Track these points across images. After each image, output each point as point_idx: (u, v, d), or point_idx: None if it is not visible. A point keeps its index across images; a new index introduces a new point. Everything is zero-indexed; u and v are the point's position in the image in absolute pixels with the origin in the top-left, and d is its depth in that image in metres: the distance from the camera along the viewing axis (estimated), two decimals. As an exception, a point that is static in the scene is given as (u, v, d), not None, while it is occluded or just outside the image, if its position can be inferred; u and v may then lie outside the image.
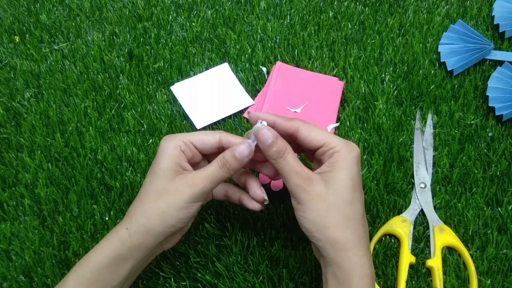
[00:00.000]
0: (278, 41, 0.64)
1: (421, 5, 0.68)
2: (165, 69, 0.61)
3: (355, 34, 0.65)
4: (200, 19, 0.66)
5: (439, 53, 0.62)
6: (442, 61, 0.61)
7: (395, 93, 0.59)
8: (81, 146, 0.55)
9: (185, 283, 0.47)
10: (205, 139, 0.42)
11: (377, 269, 0.48)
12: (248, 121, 0.57)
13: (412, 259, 0.47)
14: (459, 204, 0.51)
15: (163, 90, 0.60)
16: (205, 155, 0.44)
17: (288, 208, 0.51)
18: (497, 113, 0.56)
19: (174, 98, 0.59)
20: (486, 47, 0.61)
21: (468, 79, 0.60)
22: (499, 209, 0.51)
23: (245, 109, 0.58)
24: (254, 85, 0.61)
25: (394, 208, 0.51)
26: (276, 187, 0.52)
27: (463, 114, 0.57)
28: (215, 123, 0.58)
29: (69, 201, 0.51)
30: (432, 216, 0.50)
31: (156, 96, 0.59)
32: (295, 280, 0.47)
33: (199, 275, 0.47)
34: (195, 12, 0.67)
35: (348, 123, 0.57)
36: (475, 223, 0.50)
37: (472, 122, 0.57)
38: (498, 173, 0.53)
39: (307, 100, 0.59)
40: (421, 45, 0.63)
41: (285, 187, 0.51)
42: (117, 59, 0.62)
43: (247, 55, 0.63)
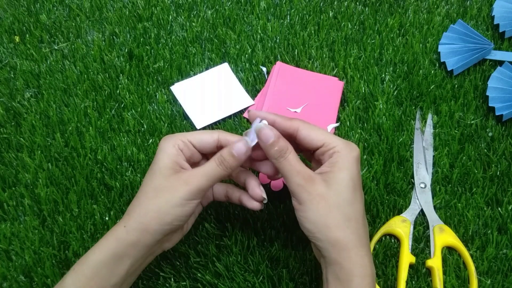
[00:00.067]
0: (278, 41, 0.64)
1: (421, 5, 0.68)
2: (165, 69, 0.61)
3: (355, 34, 0.65)
4: (200, 19, 0.66)
5: (439, 53, 0.62)
6: (442, 61, 0.61)
7: (395, 93, 0.59)
8: (81, 146, 0.55)
9: (185, 283, 0.47)
10: (204, 138, 0.42)
11: (377, 269, 0.48)
12: (248, 121, 0.57)
13: (412, 259, 0.47)
14: (459, 204, 0.51)
15: (163, 90, 0.60)
16: (204, 155, 0.44)
17: (288, 208, 0.51)
18: (497, 113, 0.56)
19: (174, 98, 0.59)
20: (486, 47, 0.61)
21: (468, 79, 0.60)
22: (499, 209, 0.51)
23: (245, 109, 0.58)
24: (254, 85, 0.61)
25: (394, 208, 0.51)
26: (276, 187, 0.52)
27: (463, 114, 0.57)
28: (215, 123, 0.58)
29: (69, 201, 0.51)
30: (432, 216, 0.50)
31: (156, 96, 0.59)
32: (295, 280, 0.47)
33: (199, 275, 0.47)
34: (195, 12, 0.67)
35: (348, 123, 0.57)
36: (475, 223, 0.50)
37: (472, 122, 0.57)
38: (498, 173, 0.53)
39: (307, 100, 0.59)
40: (421, 45, 0.63)
41: (285, 187, 0.51)
42: (117, 59, 0.62)
43: (247, 55, 0.63)
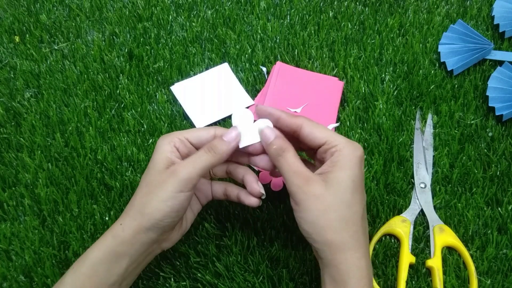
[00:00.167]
0: (278, 41, 0.64)
1: (421, 5, 0.68)
2: (165, 69, 0.61)
3: (355, 34, 0.65)
4: (200, 19, 0.66)
5: (439, 53, 0.62)
6: (442, 61, 0.61)
7: (395, 93, 0.59)
8: (81, 146, 0.55)
9: (185, 283, 0.47)
10: (201, 134, 0.42)
11: (377, 269, 0.48)
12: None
13: (412, 259, 0.47)
14: (459, 204, 0.51)
15: (163, 90, 0.60)
16: None
17: (288, 208, 0.51)
18: (497, 113, 0.56)
19: (174, 98, 0.59)
20: (486, 47, 0.61)
21: (468, 79, 0.60)
22: (499, 209, 0.51)
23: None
24: (254, 85, 0.61)
25: (394, 208, 0.51)
26: (276, 187, 0.52)
27: (463, 114, 0.57)
28: (215, 123, 0.58)
29: (69, 201, 0.51)
30: (432, 216, 0.50)
31: (156, 96, 0.59)
32: (295, 280, 0.47)
33: (199, 275, 0.47)
34: (195, 12, 0.67)
35: (348, 123, 0.57)
36: (475, 223, 0.50)
37: (472, 122, 0.57)
38: (498, 173, 0.53)
39: (307, 100, 0.59)
40: (421, 45, 0.63)
41: (285, 187, 0.51)
42: (117, 59, 0.62)
43: (247, 55, 0.63)
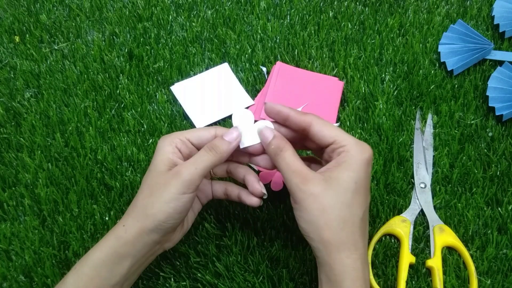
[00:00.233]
0: (278, 41, 0.64)
1: (421, 5, 0.68)
2: (165, 69, 0.61)
3: (355, 34, 0.65)
4: (200, 19, 0.66)
5: (439, 53, 0.62)
6: (442, 61, 0.61)
7: (395, 93, 0.59)
8: (81, 146, 0.55)
9: (185, 283, 0.47)
10: (201, 134, 0.42)
11: (377, 269, 0.48)
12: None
13: (412, 259, 0.47)
14: (459, 204, 0.51)
15: (163, 90, 0.60)
16: None
17: (288, 208, 0.51)
18: (497, 113, 0.56)
19: (174, 98, 0.59)
20: (486, 47, 0.61)
21: (468, 79, 0.60)
22: (499, 209, 0.51)
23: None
24: (254, 85, 0.61)
25: (394, 208, 0.51)
26: (276, 187, 0.52)
27: (463, 114, 0.57)
28: (215, 123, 0.58)
29: (69, 201, 0.51)
30: (432, 216, 0.50)
31: (156, 96, 0.59)
32: (295, 280, 0.47)
33: (199, 275, 0.47)
34: (195, 12, 0.67)
35: (348, 123, 0.57)
36: (475, 223, 0.50)
37: (472, 122, 0.57)
38: (498, 173, 0.53)
39: (307, 100, 0.59)
40: (421, 45, 0.63)
41: (285, 186, 0.51)
42: (117, 59, 0.62)
43: (247, 55, 0.63)
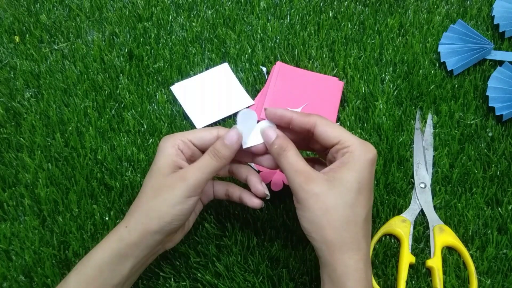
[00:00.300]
0: (278, 41, 0.64)
1: (421, 5, 0.68)
2: (165, 69, 0.61)
3: (355, 34, 0.65)
4: (200, 19, 0.66)
5: (439, 53, 0.62)
6: (442, 61, 0.61)
7: (395, 93, 0.59)
8: (81, 146, 0.55)
9: (185, 283, 0.47)
10: (203, 135, 0.42)
11: (377, 269, 0.48)
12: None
13: (412, 259, 0.47)
14: (459, 204, 0.51)
15: (163, 90, 0.60)
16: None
17: (288, 208, 0.51)
18: (497, 113, 0.56)
19: (174, 98, 0.59)
20: (486, 47, 0.61)
21: (468, 79, 0.60)
22: (499, 209, 0.51)
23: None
24: (254, 85, 0.61)
25: (394, 208, 0.51)
26: (276, 187, 0.52)
27: (463, 114, 0.57)
28: (215, 123, 0.58)
29: (69, 201, 0.51)
30: (432, 216, 0.50)
31: (156, 96, 0.59)
32: (295, 280, 0.47)
33: (199, 275, 0.47)
34: (195, 12, 0.67)
35: (348, 123, 0.57)
36: (475, 223, 0.50)
37: (472, 122, 0.57)
38: (498, 173, 0.53)
39: (307, 100, 0.59)
40: (421, 45, 0.63)
41: (285, 186, 0.51)
42: (117, 59, 0.62)
43: (247, 55, 0.63)
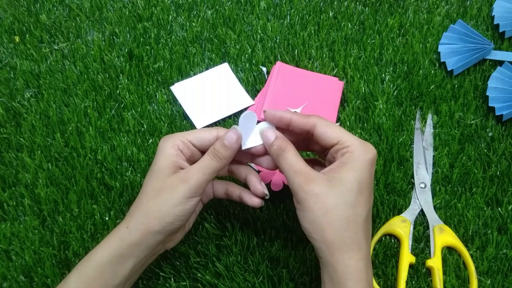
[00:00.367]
0: (278, 41, 0.64)
1: (421, 5, 0.68)
2: (165, 69, 0.61)
3: (355, 34, 0.65)
4: (200, 19, 0.66)
5: (439, 53, 0.62)
6: (442, 61, 0.61)
7: (395, 93, 0.59)
8: (81, 146, 0.55)
9: (185, 283, 0.47)
10: (203, 136, 0.42)
11: (377, 269, 0.48)
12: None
13: (412, 259, 0.47)
14: (459, 204, 0.51)
15: (163, 90, 0.60)
16: (205, 153, 0.44)
17: (288, 208, 0.51)
18: (497, 113, 0.56)
19: (174, 98, 0.59)
20: (486, 47, 0.61)
21: (468, 79, 0.60)
22: (499, 209, 0.51)
23: (245, 109, 0.58)
24: (254, 85, 0.61)
25: (394, 208, 0.51)
26: (276, 187, 0.52)
27: (463, 114, 0.57)
28: (215, 123, 0.58)
29: (69, 201, 0.51)
30: (432, 216, 0.50)
31: (156, 96, 0.59)
32: (295, 280, 0.47)
33: (199, 275, 0.47)
34: (195, 12, 0.67)
35: (348, 123, 0.57)
36: (475, 223, 0.50)
37: (472, 122, 0.57)
38: (498, 173, 0.53)
39: (307, 100, 0.59)
40: (421, 45, 0.63)
41: (285, 186, 0.51)
42: (117, 59, 0.62)
43: (247, 55, 0.63)
